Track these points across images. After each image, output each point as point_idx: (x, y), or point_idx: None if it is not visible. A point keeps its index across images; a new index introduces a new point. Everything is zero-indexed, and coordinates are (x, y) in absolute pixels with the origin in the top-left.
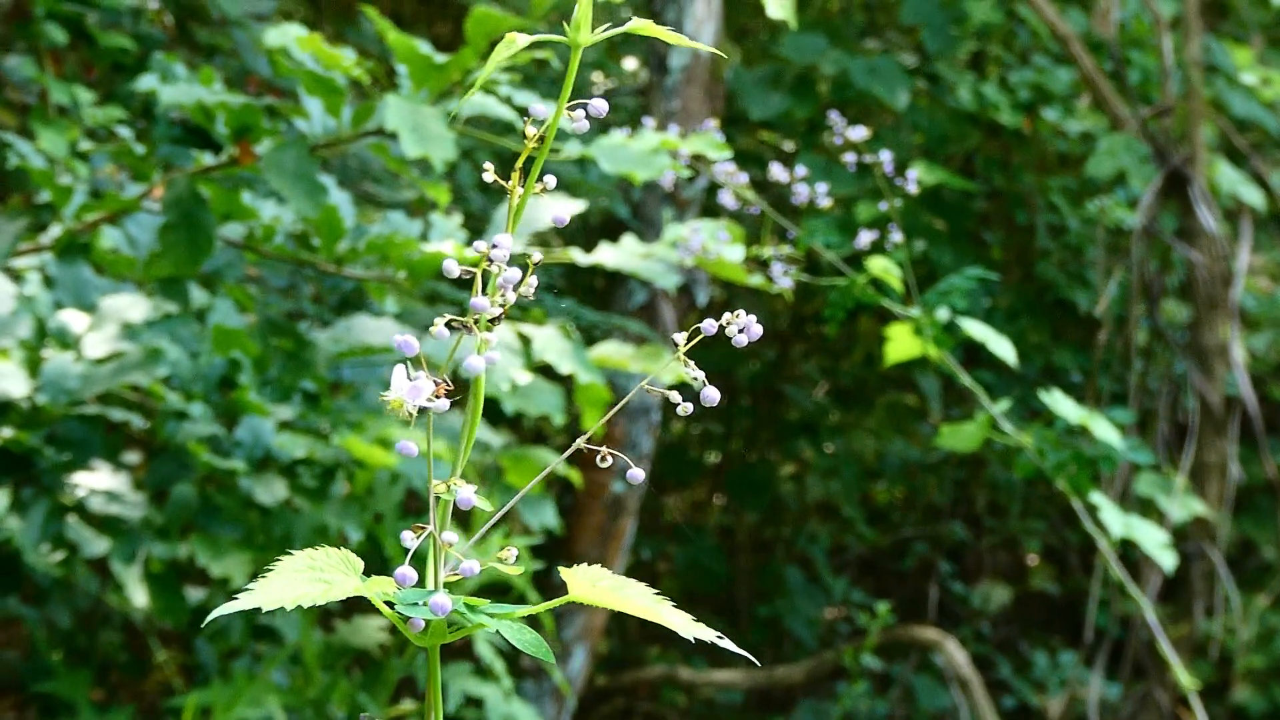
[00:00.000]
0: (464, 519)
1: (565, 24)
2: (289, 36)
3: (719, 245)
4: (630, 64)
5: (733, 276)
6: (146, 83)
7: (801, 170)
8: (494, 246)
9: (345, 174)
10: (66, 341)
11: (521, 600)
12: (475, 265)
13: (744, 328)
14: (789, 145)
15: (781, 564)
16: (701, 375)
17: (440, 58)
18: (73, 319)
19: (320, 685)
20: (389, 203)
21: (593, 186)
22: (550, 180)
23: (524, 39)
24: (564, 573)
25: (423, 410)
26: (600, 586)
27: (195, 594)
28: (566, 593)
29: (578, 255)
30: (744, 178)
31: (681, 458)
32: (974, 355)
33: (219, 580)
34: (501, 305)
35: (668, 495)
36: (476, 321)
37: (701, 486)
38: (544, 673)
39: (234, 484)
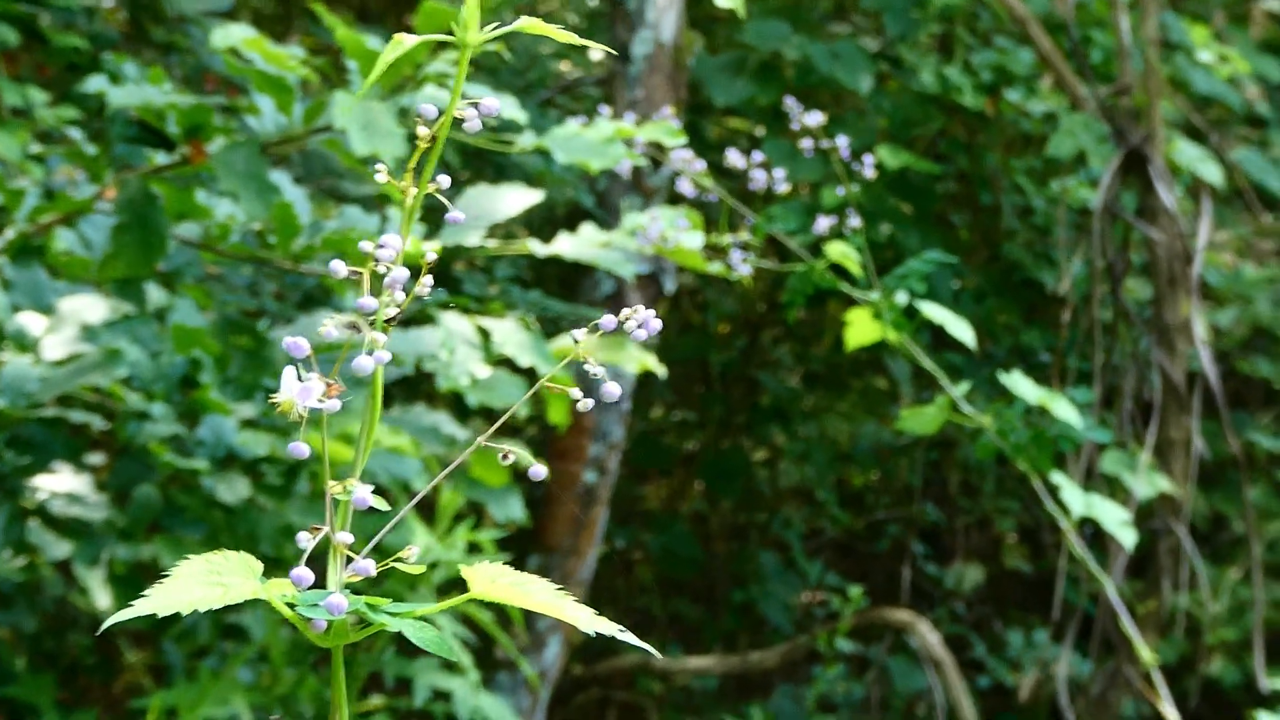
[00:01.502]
0: (429, 514)
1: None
2: (234, 37)
3: (678, 233)
4: (595, 54)
5: (692, 264)
6: (95, 84)
7: (759, 156)
8: (380, 246)
9: (307, 169)
10: (25, 344)
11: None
12: (362, 265)
13: (643, 323)
14: (760, 131)
15: (756, 549)
16: (601, 370)
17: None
18: (30, 321)
19: (287, 682)
20: (353, 197)
21: (556, 177)
22: (444, 180)
23: (411, 39)
24: (464, 571)
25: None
26: (500, 583)
27: None
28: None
29: (536, 246)
30: (701, 164)
31: (655, 446)
32: (943, 338)
33: None
34: (396, 305)
35: (642, 484)
36: (372, 322)
37: (676, 474)
38: (518, 664)
39: (197, 484)
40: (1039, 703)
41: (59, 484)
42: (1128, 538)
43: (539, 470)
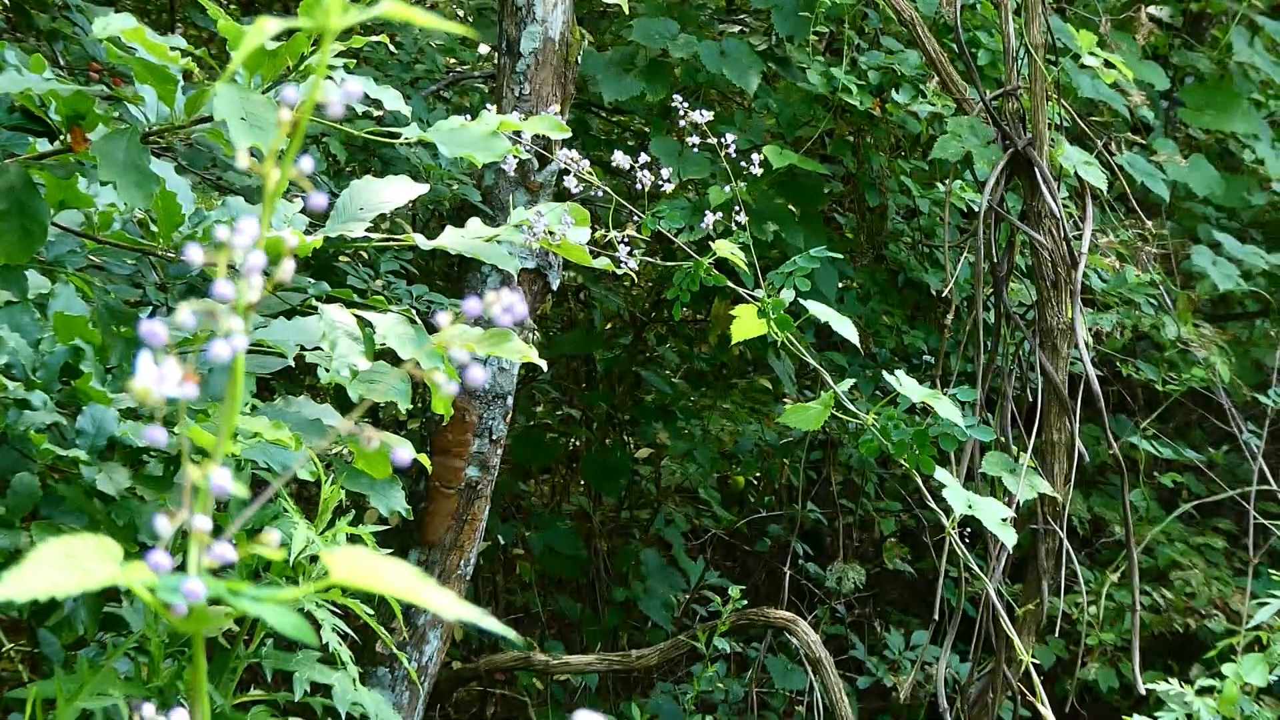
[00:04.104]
0: (311, 506)
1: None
2: (114, 27)
3: (564, 228)
4: (483, 49)
5: (577, 259)
6: None
7: (645, 156)
8: (238, 232)
9: (192, 159)
10: None
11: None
12: (220, 252)
13: (508, 308)
14: (643, 131)
15: (638, 547)
16: (466, 356)
17: (272, 45)
18: None
19: (166, 674)
20: (238, 188)
21: (442, 172)
22: (306, 164)
23: (276, 24)
24: (324, 556)
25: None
26: (359, 568)
27: None
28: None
29: (420, 240)
30: (586, 163)
31: (538, 443)
32: (827, 338)
33: None
34: (254, 291)
35: (524, 480)
36: (233, 308)
37: (558, 471)
38: (398, 659)
39: (77, 473)
40: (918, 703)
41: None
42: (1008, 536)
43: (403, 456)
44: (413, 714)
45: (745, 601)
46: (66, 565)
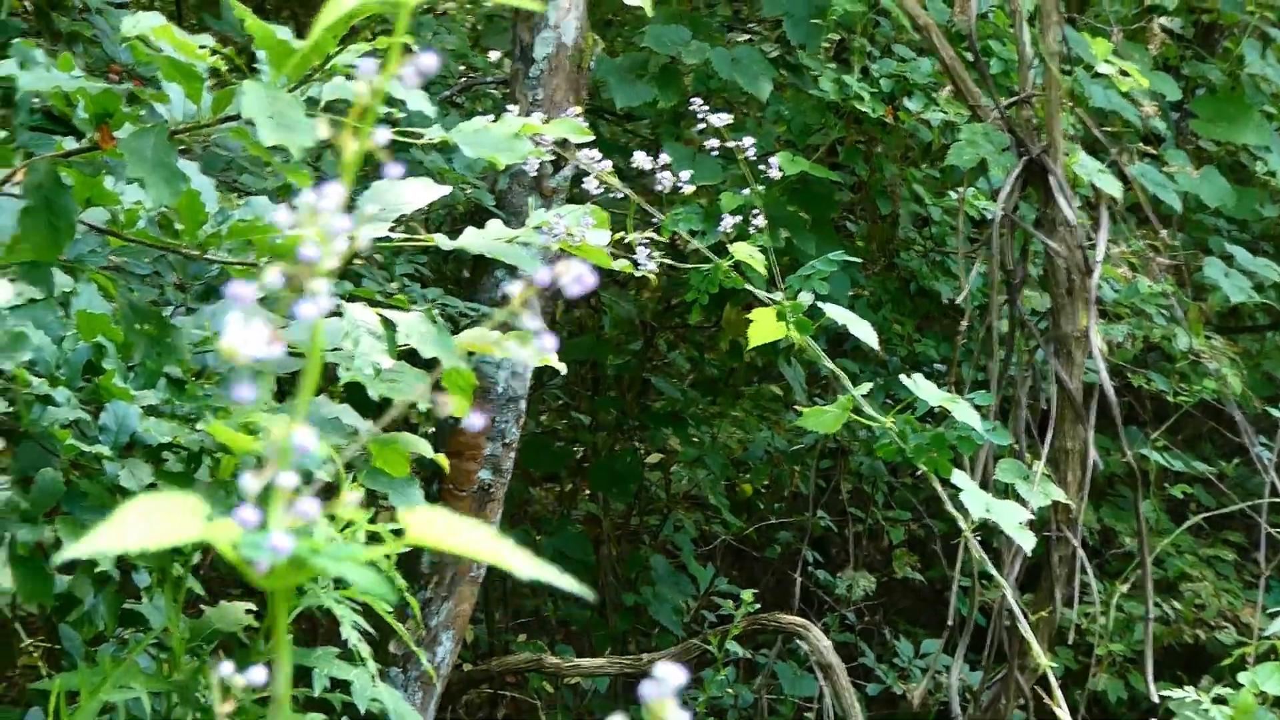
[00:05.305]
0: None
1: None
2: (144, 25)
3: (584, 229)
4: (495, 55)
5: (597, 260)
6: (4, 69)
7: (665, 158)
8: (323, 197)
9: (209, 163)
10: None
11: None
12: (306, 215)
13: (578, 276)
14: (653, 138)
15: (648, 553)
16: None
17: (298, 43)
18: None
19: (187, 670)
20: (253, 191)
21: (458, 176)
22: (384, 134)
23: (351, 1)
24: (402, 516)
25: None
26: (438, 528)
27: (60, 580)
28: (434, 578)
29: (442, 240)
30: (607, 164)
31: (548, 448)
32: (838, 346)
33: (85, 564)
34: (337, 255)
35: (533, 486)
36: (312, 270)
37: (569, 476)
38: (410, 660)
39: (100, 469)
40: (926, 711)
41: None
42: (1027, 540)
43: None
44: (425, 714)
45: (758, 605)
46: (153, 520)
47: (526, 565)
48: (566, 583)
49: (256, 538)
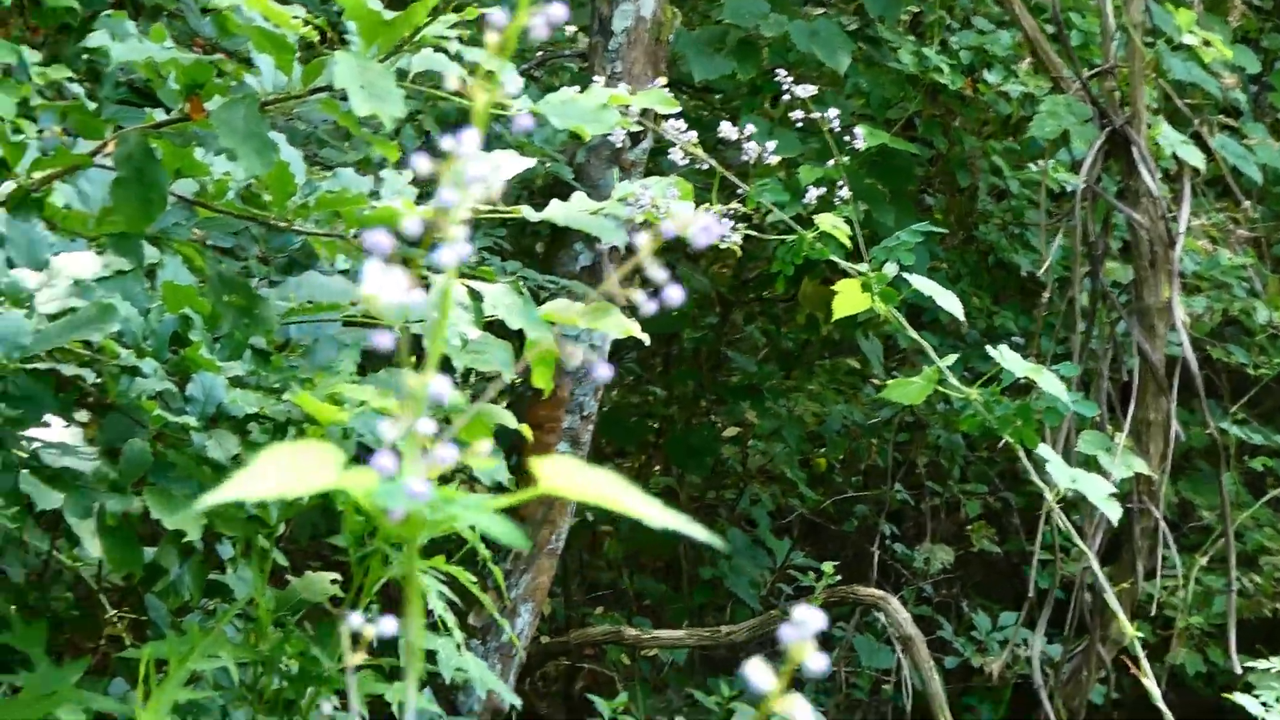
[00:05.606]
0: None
1: None
2: None
3: (669, 200)
4: (571, 29)
5: (683, 232)
6: (97, 40)
7: (751, 129)
8: (460, 144)
9: (291, 136)
10: (19, 298)
11: (473, 555)
12: (446, 161)
13: (706, 226)
14: (726, 112)
15: (724, 526)
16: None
17: (389, 14)
18: (25, 276)
19: (272, 640)
20: (334, 165)
21: (537, 149)
22: (516, 83)
23: None
24: (533, 465)
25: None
26: (570, 478)
27: (147, 551)
28: (512, 551)
29: (528, 212)
30: (693, 135)
31: (624, 421)
32: (914, 320)
33: (172, 535)
34: (474, 203)
35: (610, 459)
36: (448, 217)
37: (645, 450)
38: (490, 630)
39: (187, 440)
40: (1004, 683)
41: (50, 435)
42: (1113, 510)
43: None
44: (504, 685)
45: (839, 577)
46: (291, 468)
47: (658, 514)
48: (697, 531)
49: (393, 485)
